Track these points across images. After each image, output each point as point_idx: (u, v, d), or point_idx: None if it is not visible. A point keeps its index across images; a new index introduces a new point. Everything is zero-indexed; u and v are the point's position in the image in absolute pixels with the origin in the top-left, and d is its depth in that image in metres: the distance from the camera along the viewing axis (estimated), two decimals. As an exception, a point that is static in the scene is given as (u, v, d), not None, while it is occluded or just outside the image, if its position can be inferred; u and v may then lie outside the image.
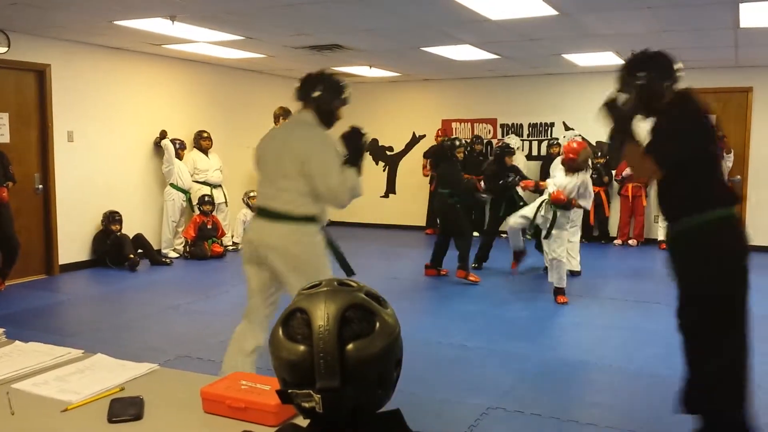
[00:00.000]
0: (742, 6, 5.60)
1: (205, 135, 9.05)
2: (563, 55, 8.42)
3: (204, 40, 7.39)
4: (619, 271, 7.96)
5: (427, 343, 4.99)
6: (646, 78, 3.03)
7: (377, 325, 1.11)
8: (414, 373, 4.34)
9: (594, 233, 10.23)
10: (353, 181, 3.28)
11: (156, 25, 6.48)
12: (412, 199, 11.59)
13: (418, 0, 5.49)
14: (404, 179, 11.78)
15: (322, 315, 1.08)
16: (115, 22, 6.43)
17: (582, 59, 8.72)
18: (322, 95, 3.34)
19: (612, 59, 8.64)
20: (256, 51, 8.15)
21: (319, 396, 1.07)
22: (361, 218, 12.02)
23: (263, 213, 3.35)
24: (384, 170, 11.95)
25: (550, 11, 5.79)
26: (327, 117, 3.38)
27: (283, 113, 7.74)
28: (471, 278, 7.02)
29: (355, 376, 1.07)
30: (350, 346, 1.07)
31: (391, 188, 11.94)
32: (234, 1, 5.56)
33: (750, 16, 5.99)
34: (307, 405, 1.09)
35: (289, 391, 1.11)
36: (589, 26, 6.52)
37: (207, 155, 9.06)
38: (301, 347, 1.08)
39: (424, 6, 5.68)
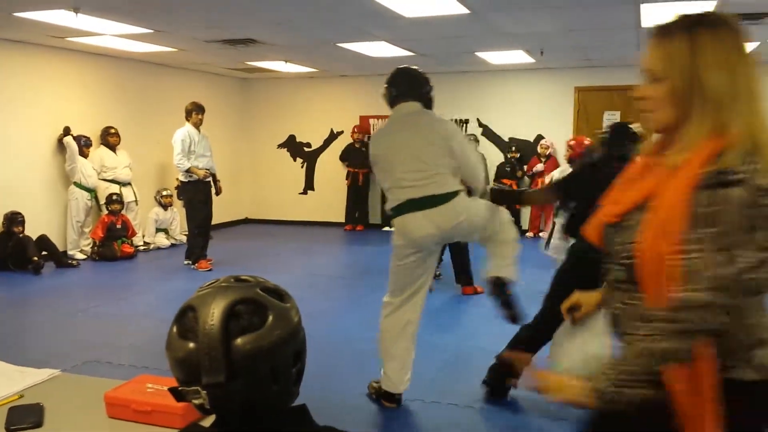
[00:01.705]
0: (643, 6, 5.86)
1: (113, 131, 8.71)
2: (476, 53, 8.59)
3: (110, 33, 7.10)
4: (532, 262, 8.19)
5: (347, 338, 4.99)
6: None
7: (270, 318, 1.10)
8: (333, 369, 4.34)
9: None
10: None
11: (59, 17, 6.17)
12: (330, 195, 11.56)
13: (333, -5, 5.47)
14: (322, 176, 11.73)
15: (209, 311, 1.08)
16: (16, 14, 6.10)
17: (494, 57, 8.93)
18: (427, 88, 3.63)
19: (523, 57, 8.91)
20: (166, 44, 7.91)
21: (205, 392, 1.06)
22: (279, 215, 11.91)
23: (426, 202, 3.38)
24: (302, 167, 11.87)
25: (461, 9, 5.89)
26: (431, 106, 3.64)
27: (195, 108, 7.54)
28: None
29: (244, 370, 1.06)
30: (238, 341, 1.07)
31: (309, 185, 11.87)
32: (141, -8, 5.38)
33: (651, 16, 6.28)
34: (196, 402, 1.08)
35: (179, 388, 1.10)
36: (499, 25, 6.68)
37: (115, 152, 8.73)
38: (190, 344, 1.08)
39: (338, 2, 5.66)
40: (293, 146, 11.86)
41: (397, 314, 3.68)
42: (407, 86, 3.60)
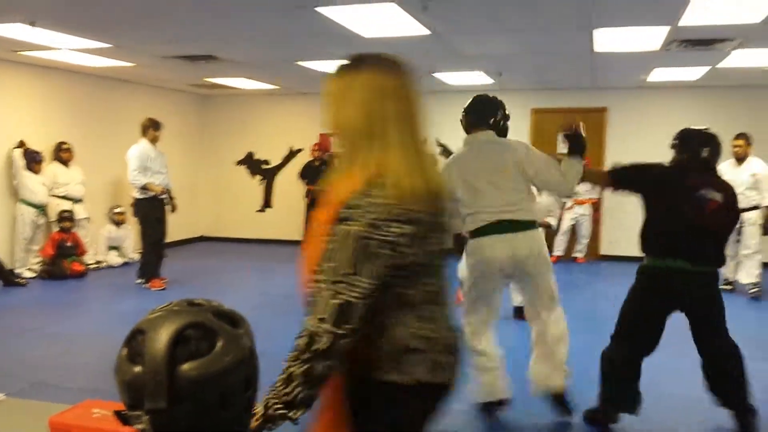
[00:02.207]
0: (595, 32, 6.02)
1: (66, 147, 8.50)
2: (434, 74, 8.69)
3: (67, 47, 6.96)
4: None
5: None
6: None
7: (219, 344, 1.08)
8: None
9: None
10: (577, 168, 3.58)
11: (14, 30, 6.04)
12: (288, 213, 11.49)
13: (292, 15, 5.46)
14: (281, 193, 11.66)
15: (156, 335, 1.06)
16: (-34, 26, 5.95)
17: (452, 78, 9.04)
18: (500, 116, 3.84)
19: (482, 79, 9.04)
20: (124, 59, 7.79)
21: (147, 417, 1.04)
22: (236, 233, 11.78)
23: (509, 227, 3.51)
24: (260, 184, 11.78)
25: (423, 31, 5.95)
26: (504, 134, 3.82)
27: (151, 124, 7.43)
28: None
29: (190, 396, 1.04)
30: (184, 366, 1.05)
31: (267, 202, 11.79)
32: (100, 6, 5.28)
33: (603, 42, 6.45)
34: (139, 427, 1.07)
35: (122, 412, 1.08)
36: (460, 47, 6.78)
37: (68, 167, 8.53)
38: (137, 368, 1.06)
39: (297, 21, 5.66)
40: (251, 163, 11.78)
41: (475, 330, 3.75)
42: (480, 114, 3.80)
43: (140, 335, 1.09)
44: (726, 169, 7.07)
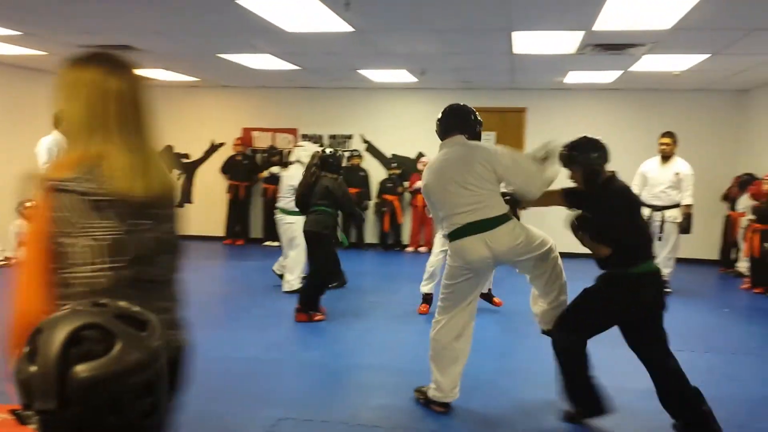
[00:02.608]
0: (514, 34, 6.17)
1: (-30, 137, 8.05)
2: (359, 71, 8.70)
3: (-30, 32, 6.60)
4: (409, 276, 8.34)
5: (219, 358, 4.85)
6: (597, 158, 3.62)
7: (116, 347, 1.05)
8: (203, 390, 4.20)
9: (388, 241, 10.69)
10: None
11: None
12: (209, 208, 11.26)
13: (212, 7, 5.35)
14: (201, 188, 11.40)
15: (51, 335, 1.04)
16: None
17: (377, 75, 9.07)
18: (472, 122, 3.95)
19: (405, 77, 9.11)
20: (36, 48, 7.44)
21: (37, 418, 1.03)
22: (155, 228, 11.43)
23: (482, 226, 3.61)
24: (179, 178, 11.47)
25: (346, 28, 5.95)
26: (477, 137, 3.94)
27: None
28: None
29: (80, 399, 1.02)
30: (77, 368, 1.02)
31: (186, 197, 11.50)
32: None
33: (522, 44, 6.63)
34: (33, 426, 1.05)
35: (18, 412, 1.06)
36: (383, 44, 6.81)
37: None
38: (32, 367, 1.04)
39: (218, 13, 5.56)
40: (170, 157, 11.44)
41: (450, 324, 3.85)
42: (452, 120, 3.93)
43: (39, 334, 1.07)
44: (652, 166, 7.47)
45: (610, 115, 10.15)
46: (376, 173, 10.75)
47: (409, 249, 10.56)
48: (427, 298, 6.38)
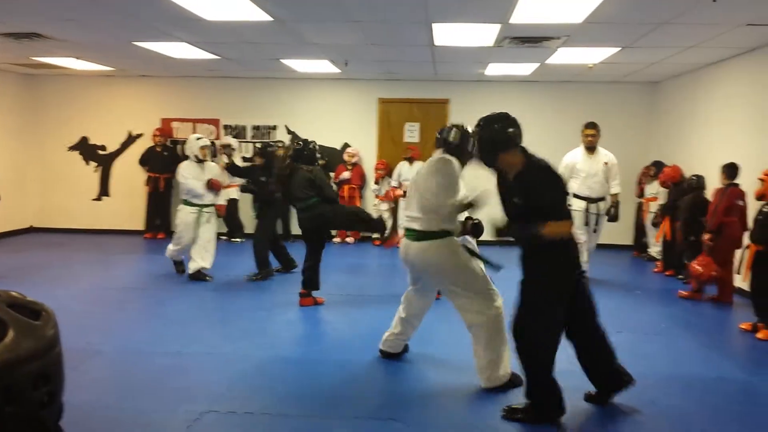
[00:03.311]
0: (434, 26, 6.25)
1: None
2: (282, 60, 8.61)
3: None
4: (337, 267, 8.36)
5: (139, 353, 4.74)
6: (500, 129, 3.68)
7: (9, 336, 1.03)
8: (123, 387, 4.11)
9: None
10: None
11: None
12: (128, 201, 10.93)
13: (125, -9, 5.19)
14: (119, 181, 11.04)
15: None
16: None
17: (300, 65, 9.00)
18: (451, 141, 4.31)
19: (328, 67, 9.08)
20: (-69, 31, 7.00)
21: None
22: (70, 223, 11.03)
23: (412, 234, 4.21)
24: (96, 171, 11.08)
25: (265, 17, 5.87)
26: (455, 154, 4.26)
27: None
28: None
29: None
30: None
31: (104, 190, 11.11)
32: None
33: (442, 36, 6.71)
34: None
35: None
36: (303, 34, 6.76)
37: None
38: None
39: (132, 0, 5.38)
40: (86, 149, 11.04)
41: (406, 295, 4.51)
42: (438, 136, 4.37)
43: None
44: (579, 158, 7.45)
45: (529, 106, 10.42)
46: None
47: (337, 240, 10.57)
48: None
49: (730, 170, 6.71)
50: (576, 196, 7.33)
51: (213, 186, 7.15)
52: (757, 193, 5.61)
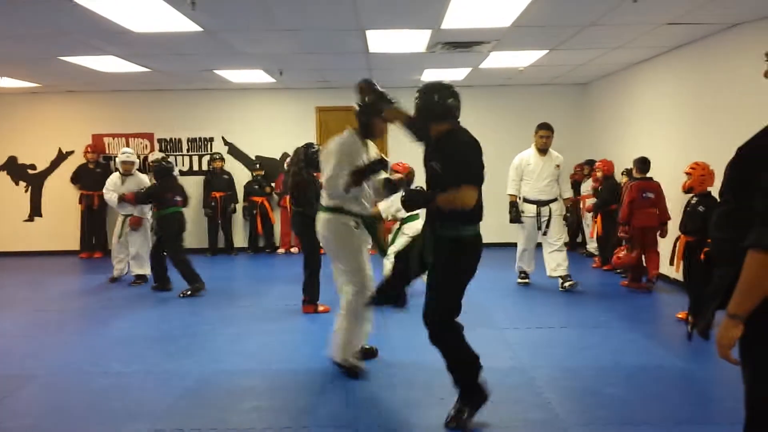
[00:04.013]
0: (368, 33, 6.29)
1: None
2: (215, 71, 8.51)
3: None
4: (282, 278, 8.30)
5: (78, 374, 4.60)
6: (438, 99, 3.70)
7: None
8: (63, 409, 3.98)
9: (259, 243, 10.56)
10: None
11: None
12: (61, 221, 10.59)
13: (48, 6, 5.03)
14: (51, 200, 10.68)
15: None
16: None
17: (234, 76, 8.92)
18: (362, 116, 4.74)
19: (263, 77, 9.02)
20: None
21: None
22: (1, 246, 10.59)
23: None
24: (26, 191, 10.69)
25: (194, 27, 5.80)
26: (362, 130, 4.69)
27: None
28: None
29: None
30: None
31: (36, 210, 10.73)
32: None
33: (376, 43, 6.77)
34: None
35: None
36: (235, 44, 6.70)
37: None
38: None
39: (55, 13, 5.23)
40: (15, 169, 10.65)
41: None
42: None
43: None
44: (529, 159, 7.23)
45: (464, 110, 10.53)
46: (241, 175, 10.56)
47: (281, 250, 10.48)
48: None
49: (642, 164, 7.03)
50: (526, 200, 7.24)
51: (125, 199, 7.65)
52: (684, 186, 5.84)
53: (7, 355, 5.09)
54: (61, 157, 10.62)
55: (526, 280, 7.55)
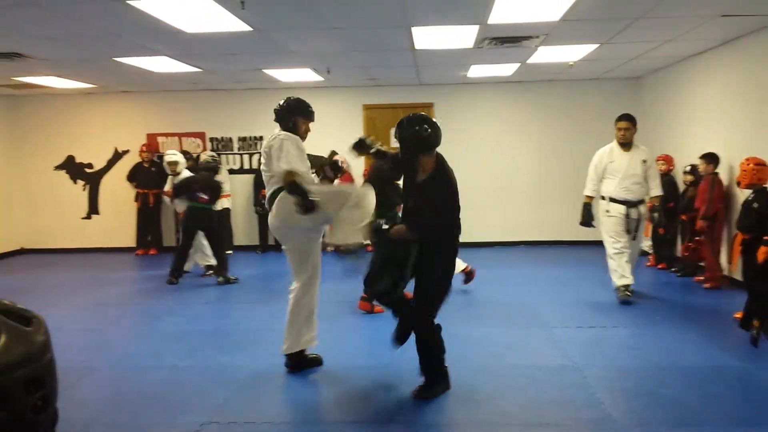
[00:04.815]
0: (414, 30, 6.29)
1: None
2: (264, 71, 8.63)
3: None
4: (330, 274, 8.33)
5: (135, 368, 4.74)
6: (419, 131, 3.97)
7: (1, 341, 1.04)
8: (120, 402, 4.11)
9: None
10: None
11: None
12: (118, 219, 10.90)
13: (104, 9, 5.19)
14: (108, 198, 11.01)
15: None
16: None
17: (283, 75, 9.03)
18: (287, 117, 4.60)
19: (311, 75, 9.11)
20: None
21: None
22: (60, 243, 10.98)
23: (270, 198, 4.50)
24: (84, 189, 11.04)
25: (244, 27, 5.90)
26: (291, 130, 4.56)
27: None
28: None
29: None
30: None
31: (93, 208, 11.08)
32: None
33: (422, 40, 6.76)
34: None
35: None
36: (283, 44, 6.78)
37: None
38: None
39: (110, 15, 5.39)
40: (73, 168, 11.01)
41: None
42: (277, 114, 4.61)
43: None
44: (613, 156, 6.50)
45: (512, 106, 10.50)
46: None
47: (330, 248, 10.56)
48: None
49: (714, 159, 6.87)
50: (613, 200, 6.48)
51: (165, 195, 8.46)
52: (744, 183, 5.68)
53: (68, 348, 5.28)
54: (117, 156, 10.94)
55: (627, 293, 6.41)
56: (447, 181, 3.92)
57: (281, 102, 4.64)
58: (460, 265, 6.99)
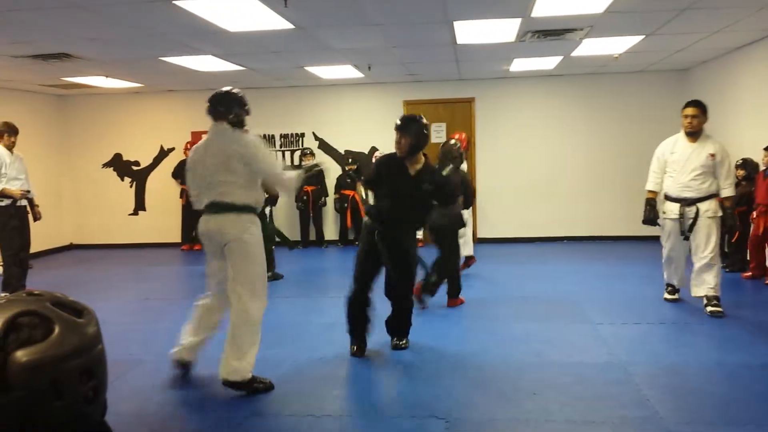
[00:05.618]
0: (456, 24, 6.26)
1: None
2: (306, 68, 8.70)
3: None
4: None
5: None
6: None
7: (55, 332, 1.08)
8: (167, 394, 4.20)
9: (349, 237, 10.72)
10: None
11: None
12: (164, 215, 11.13)
13: (149, 9, 5.30)
14: (154, 195, 11.26)
15: None
16: None
17: (325, 72, 9.08)
18: (237, 111, 4.12)
19: (352, 72, 9.15)
20: (-32, 59, 7.24)
21: None
22: (108, 239, 11.27)
23: (214, 207, 4.08)
24: (131, 186, 11.31)
25: (286, 25, 5.96)
26: (239, 125, 4.13)
27: (7, 130, 6.87)
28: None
29: (21, 384, 1.04)
30: (17, 353, 1.04)
31: (140, 205, 11.34)
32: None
33: (464, 34, 6.72)
34: None
35: None
36: (325, 40, 6.83)
37: None
38: None
39: (156, 16, 5.51)
40: (120, 165, 11.29)
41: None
42: (219, 108, 4.11)
43: None
44: (675, 147, 5.79)
45: (555, 100, 10.36)
46: (333, 171, 10.75)
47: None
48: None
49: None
50: (668, 197, 5.83)
51: None
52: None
53: (116, 341, 5.41)
54: (163, 153, 11.18)
55: (675, 296, 6.15)
56: (435, 168, 4.77)
57: (227, 91, 4.24)
58: (469, 250, 7.52)
